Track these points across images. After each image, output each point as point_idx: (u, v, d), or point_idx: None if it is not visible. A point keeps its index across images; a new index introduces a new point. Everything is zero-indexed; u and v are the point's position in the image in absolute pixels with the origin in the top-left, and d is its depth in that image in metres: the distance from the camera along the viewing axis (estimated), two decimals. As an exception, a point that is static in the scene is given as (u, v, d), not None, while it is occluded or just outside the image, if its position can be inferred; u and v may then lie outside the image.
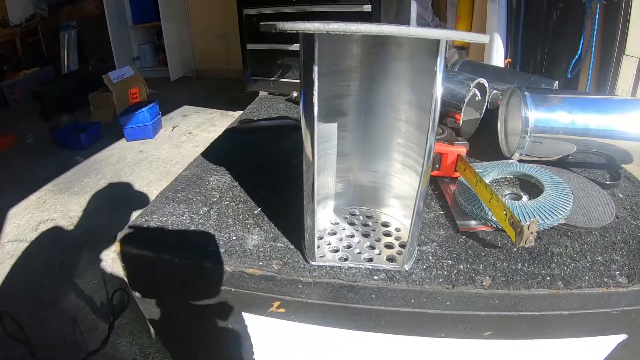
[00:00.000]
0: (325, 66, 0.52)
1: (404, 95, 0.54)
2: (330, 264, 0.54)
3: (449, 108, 0.95)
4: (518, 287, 0.53)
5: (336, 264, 0.54)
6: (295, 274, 0.54)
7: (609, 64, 1.85)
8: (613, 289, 0.53)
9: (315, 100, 0.44)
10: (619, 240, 0.62)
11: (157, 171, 2.82)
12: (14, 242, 2.15)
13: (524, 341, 0.59)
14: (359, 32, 0.34)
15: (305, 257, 0.56)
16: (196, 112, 4.02)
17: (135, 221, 0.65)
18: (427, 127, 0.45)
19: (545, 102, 0.80)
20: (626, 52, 1.78)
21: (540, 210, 0.63)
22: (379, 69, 0.56)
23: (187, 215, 0.66)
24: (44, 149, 3.37)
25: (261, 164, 0.84)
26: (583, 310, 0.54)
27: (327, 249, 0.57)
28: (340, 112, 0.57)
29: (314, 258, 0.54)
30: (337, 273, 0.54)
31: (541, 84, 1.16)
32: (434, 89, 0.43)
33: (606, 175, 0.82)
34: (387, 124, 0.58)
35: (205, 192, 0.73)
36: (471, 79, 0.95)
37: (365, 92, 0.57)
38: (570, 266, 0.56)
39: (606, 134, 0.79)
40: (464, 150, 0.76)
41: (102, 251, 1.98)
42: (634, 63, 1.78)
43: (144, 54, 5.72)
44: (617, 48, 1.80)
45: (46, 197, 2.59)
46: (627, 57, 1.79)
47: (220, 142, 0.96)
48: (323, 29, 0.35)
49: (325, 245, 0.57)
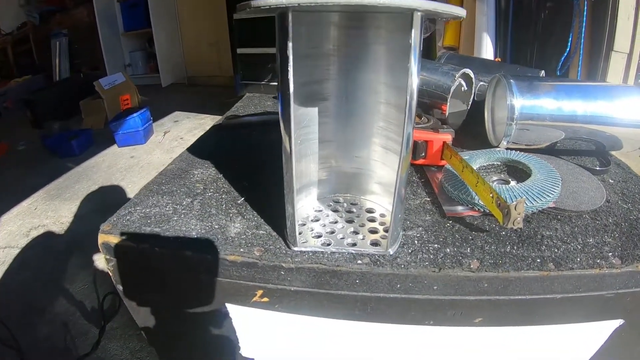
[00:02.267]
0: (303, 49, 0.51)
1: (383, 77, 0.54)
2: (313, 249, 0.53)
3: (435, 99, 0.95)
4: (507, 270, 0.52)
5: (319, 249, 0.53)
6: (276, 260, 0.52)
7: (598, 60, 1.86)
8: (606, 270, 0.53)
9: (290, 78, 0.43)
10: (611, 223, 0.62)
11: (148, 176, 2.81)
12: (5, 248, 2.15)
13: (517, 328, 0.58)
14: (328, 2, 0.34)
15: (288, 243, 0.55)
16: (187, 118, 4.04)
17: (118, 213, 0.65)
18: (405, 107, 0.45)
19: (531, 89, 0.79)
20: (614, 48, 1.79)
21: (528, 193, 0.62)
22: (358, 52, 0.55)
23: (170, 206, 0.65)
24: (35, 157, 3.37)
25: (246, 157, 0.83)
26: (576, 294, 0.54)
27: (309, 235, 0.56)
28: (321, 97, 0.57)
29: (295, 244, 0.53)
30: (319, 258, 0.53)
31: (527, 73, 1.16)
32: (409, 63, 0.42)
33: (595, 162, 0.82)
34: (367, 107, 0.57)
35: (189, 184, 0.73)
36: (456, 70, 0.95)
37: (345, 76, 0.56)
38: (561, 248, 0.56)
39: (594, 120, 0.78)
40: (450, 137, 0.76)
41: (93, 256, 1.97)
42: (622, 59, 1.80)
43: (135, 61, 5.74)
44: (606, 44, 1.81)
45: (37, 203, 2.59)
46: (615, 53, 1.80)
47: (207, 137, 0.96)
48: (294, 1, 0.34)
49: (308, 231, 0.57)
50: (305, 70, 0.53)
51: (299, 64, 0.46)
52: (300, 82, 0.51)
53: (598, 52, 1.85)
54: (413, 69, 0.43)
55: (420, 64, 0.44)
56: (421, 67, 0.93)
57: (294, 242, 0.54)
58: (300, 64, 0.48)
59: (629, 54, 1.78)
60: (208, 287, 0.57)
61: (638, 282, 0.54)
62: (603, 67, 1.84)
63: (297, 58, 0.45)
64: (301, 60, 0.51)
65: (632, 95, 0.79)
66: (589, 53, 1.92)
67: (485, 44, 2.25)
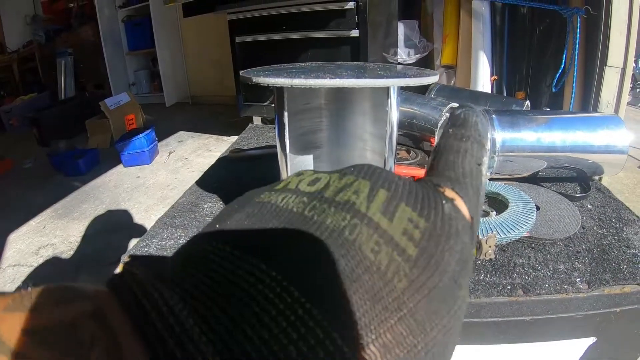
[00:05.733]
0: (299, 105, 0.60)
1: (368, 127, 0.62)
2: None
3: (424, 132, 1.02)
4: (479, 296, 0.57)
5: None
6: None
7: (592, 76, 1.89)
8: (572, 294, 0.57)
9: (287, 140, 0.52)
10: (583, 249, 0.65)
11: (154, 197, 2.88)
12: (15, 266, 2.20)
13: (492, 346, 0.62)
14: (317, 85, 0.42)
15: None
16: (191, 138, 4.10)
17: (136, 245, 0.72)
18: (384, 155, 0.53)
19: (512, 122, 0.84)
20: (608, 63, 1.82)
21: (503, 225, 0.66)
22: (346, 106, 0.63)
23: (183, 239, 0.73)
24: (42, 175, 3.43)
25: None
26: (546, 316, 0.58)
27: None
28: (315, 145, 0.65)
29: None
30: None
31: (512, 105, 1.21)
32: (387, 126, 0.51)
33: (577, 188, 0.86)
34: (355, 154, 0.65)
35: (199, 217, 0.81)
36: (444, 104, 1.02)
37: (335, 126, 0.65)
38: (532, 275, 0.59)
39: (574, 149, 0.82)
40: (434, 173, 0.83)
41: (102, 275, 2.02)
42: (616, 73, 1.83)
43: (140, 80, 5.80)
44: (600, 60, 1.84)
45: (46, 222, 2.64)
46: (609, 68, 1.83)
47: (213, 170, 1.03)
48: (288, 83, 0.43)
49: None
50: (300, 123, 0.62)
51: (295, 118, 0.54)
52: (295, 134, 0.60)
53: (592, 68, 1.88)
54: (390, 129, 0.51)
55: (397, 128, 0.52)
56: (412, 101, 1.01)
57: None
58: (296, 117, 0.56)
59: (623, 68, 1.82)
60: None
61: (606, 304, 0.58)
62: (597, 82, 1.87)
63: (294, 114, 0.53)
64: (296, 114, 0.59)
65: (610, 124, 0.83)
66: (583, 69, 1.94)
67: (482, 62, 2.30)
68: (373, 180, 0.19)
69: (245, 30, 2.96)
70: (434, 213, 0.18)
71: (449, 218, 0.18)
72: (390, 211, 0.17)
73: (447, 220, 0.18)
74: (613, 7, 1.76)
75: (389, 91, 0.49)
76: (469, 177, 0.22)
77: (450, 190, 0.20)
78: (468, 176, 0.22)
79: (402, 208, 0.18)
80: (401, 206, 0.18)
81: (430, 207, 0.18)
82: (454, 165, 0.22)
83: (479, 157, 0.23)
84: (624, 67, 1.83)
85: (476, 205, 0.21)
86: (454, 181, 0.21)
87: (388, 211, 0.18)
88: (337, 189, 0.19)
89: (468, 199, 0.20)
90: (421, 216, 0.18)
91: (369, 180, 0.19)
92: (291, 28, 2.75)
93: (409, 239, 0.17)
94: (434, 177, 0.21)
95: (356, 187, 0.18)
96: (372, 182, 0.19)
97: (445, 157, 0.23)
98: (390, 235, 0.17)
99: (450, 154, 0.23)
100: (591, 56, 1.91)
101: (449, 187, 0.20)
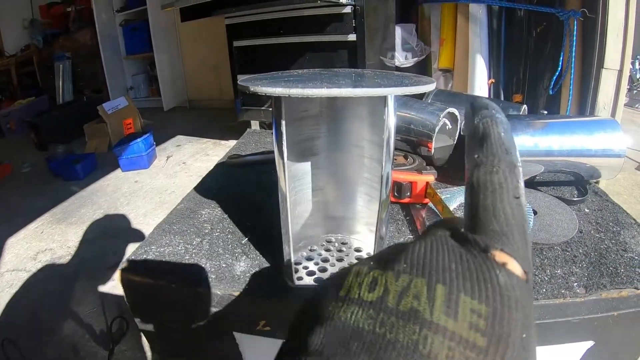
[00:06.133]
0: (296, 113, 0.60)
1: (366, 134, 0.62)
2: (307, 286, 0.62)
3: (422, 137, 1.02)
4: None
5: (312, 285, 0.62)
6: (276, 296, 0.61)
7: (589, 78, 1.91)
8: (570, 299, 0.57)
9: (284, 149, 0.52)
10: (580, 253, 0.66)
11: (152, 201, 2.88)
12: (13, 271, 2.20)
13: None
14: (314, 95, 0.42)
15: (286, 280, 0.63)
16: (189, 142, 4.11)
17: (135, 251, 0.72)
18: (381, 163, 0.54)
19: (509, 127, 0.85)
20: (605, 66, 1.84)
21: None
22: (343, 113, 0.64)
23: (182, 245, 0.74)
24: (40, 179, 3.44)
25: (248, 197, 0.91)
26: (543, 320, 0.58)
27: (304, 272, 0.64)
28: (313, 152, 0.65)
29: (292, 281, 0.62)
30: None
31: (509, 109, 1.22)
32: (384, 133, 0.51)
33: (574, 192, 0.87)
34: (353, 160, 0.65)
35: (198, 224, 0.81)
36: (442, 109, 1.02)
37: (333, 133, 0.65)
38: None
39: (571, 153, 0.83)
40: (432, 178, 0.83)
41: (100, 280, 2.03)
42: (613, 75, 1.85)
43: (138, 84, 5.81)
44: (596, 62, 1.86)
45: (44, 227, 2.65)
46: (606, 70, 1.85)
47: (211, 176, 1.03)
48: (285, 92, 0.43)
49: (303, 269, 0.65)
50: (299, 130, 0.62)
51: (294, 125, 0.54)
52: (293, 141, 0.60)
53: (589, 70, 1.90)
54: (387, 137, 0.52)
55: (394, 135, 0.53)
56: (409, 106, 1.02)
57: (290, 280, 0.62)
58: (294, 124, 0.56)
59: (620, 70, 1.83)
60: (218, 318, 0.64)
61: (603, 309, 0.58)
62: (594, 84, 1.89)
63: (292, 121, 0.53)
64: (294, 122, 0.60)
65: (607, 127, 0.83)
66: (580, 71, 1.96)
67: (479, 65, 2.31)
68: (427, 275, 0.20)
69: (243, 35, 2.97)
70: (491, 292, 0.19)
71: (506, 289, 0.19)
72: (452, 309, 0.18)
73: (505, 293, 0.19)
74: (609, 9, 1.78)
75: (387, 99, 0.50)
76: (512, 220, 0.21)
77: (500, 253, 0.20)
78: (511, 220, 0.21)
79: (463, 300, 0.18)
80: (461, 299, 0.18)
81: (487, 287, 0.19)
82: (494, 212, 0.22)
83: (515, 188, 0.23)
84: (620, 69, 1.84)
85: (526, 252, 0.21)
86: (500, 235, 0.21)
87: (451, 309, 0.18)
88: (397, 293, 0.19)
89: (518, 253, 0.20)
90: (481, 302, 0.18)
91: (424, 278, 0.19)
92: (289, 32, 2.76)
93: (475, 330, 0.18)
94: (478, 235, 0.21)
95: (414, 291, 0.19)
96: (428, 279, 0.19)
97: (483, 203, 0.22)
98: (459, 335, 0.18)
99: (486, 196, 0.22)
100: (588, 58, 1.93)
101: (498, 249, 0.20)
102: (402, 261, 0.21)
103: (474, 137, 0.26)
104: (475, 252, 0.20)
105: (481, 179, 0.23)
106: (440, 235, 0.22)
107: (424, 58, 2.63)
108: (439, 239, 0.21)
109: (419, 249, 0.21)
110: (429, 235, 0.22)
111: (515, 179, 0.23)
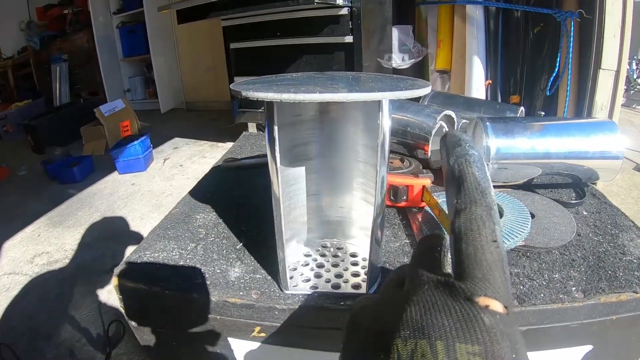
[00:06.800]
0: (288, 118, 0.60)
1: (360, 139, 0.61)
2: (302, 292, 0.61)
3: (418, 140, 1.02)
4: None
5: (307, 292, 0.61)
6: (271, 302, 0.60)
7: (586, 79, 1.92)
8: (568, 304, 0.56)
9: (277, 154, 0.52)
10: (579, 257, 0.65)
11: (149, 204, 2.87)
12: (10, 274, 2.19)
13: None
14: (306, 100, 0.42)
15: (280, 286, 0.62)
16: (186, 144, 4.10)
17: (130, 257, 0.72)
18: (376, 167, 0.53)
19: (506, 130, 0.84)
20: (602, 66, 1.85)
21: None
22: (337, 117, 0.63)
23: (176, 251, 0.73)
24: (36, 182, 3.43)
25: (243, 201, 0.91)
26: (541, 325, 0.58)
27: (299, 278, 0.63)
28: (307, 157, 0.64)
29: (287, 287, 0.61)
30: (307, 300, 0.60)
31: (506, 111, 1.21)
32: (378, 138, 0.51)
33: (572, 194, 0.86)
34: (348, 165, 0.65)
35: (192, 229, 0.80)
36: (438, 112, 1.01)
37: (327, 137, 0.64)
38: (527, 285, 0.59)
39: (569, 156, 0.83)
40: (429, 181, 0.82)
41: (97, 283, 2.02)
42: (610, 76, 1.85)
43: (135, 87, 5.81)
44: (594, 62, 1.87)
45: (40, 230, 2.64)
46: (603, 71, 1.85)
47: (206, 180, 1.03)
48: (277, 98, 0.43)
49: (298, 275, 0.64)
50: (292, 135, 0.62)
51: (287, 130, 0.53)
52: (287, 146, 0.59)
53: (586, 71, 1.91)
54: (381, 142, 0.51)
55: (389, 138, 0.52)
56: (405, 108, 1.01)
57: (285, 286, 0.61)
58: (288, 129, 0.55)
59: (617, 71, 1.84)
60: (213, 324, 0.64)
61: (602, 313, 0.58)
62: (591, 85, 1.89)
63: (285, 126, 0.52)
64: (287, 127, 0.59)
65: (605, 129, 0.83)
66: (577, 72, 1.96)
67: (476, 66, 2.31)
68: (427, 335, 0.22)
69: (240, 37, 2.97)
70: (480, 334, 0.22)
71: (492, 327, 0.22)
72: (452, 357, 0.21)
73: (492, 330, 0.22)
74: (607, 10, 1.78)
75: (381, 103, 0.49)
76: (492, 265, 0.24)
77: (483, 298, 0.23)
78: (492, 265, 0.24)
79: (459, 348, 0.21)
80: (457, 347, 0.21)
81: (476, 330, 0.22)
82: (475, 259, 0.24)
83: (492, 232, 0.25)
84: (617, 69, 1.84)
85: (505, 290, 0.24)
86: (483, 281, 0.24)
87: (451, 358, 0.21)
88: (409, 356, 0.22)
89: (498, 293, 0.23)
90: (474, 344, 0.21)
91: (426, 339, 0.22)
92: (285, 34, 2.76)
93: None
94: (463, 284, 0.24)
95: (421, 351, 0.22)
96: (429, 338, 0.22)
97: (465, 252, 0.25)
98: None
99: (468, 244, 0.25)
100: (585, 59, 1.93)
101: (481, 295, 0.23)
102: (405, 328, 0.24)
103: (451, 179, 0.29)
104: (462, 300, 0.23)
105: (462, 227, 0.26)
106: (428, 292, 0.25)
107: (421, 59, 2.63)
108: (430, 298, 0.24)
109: (415, 313, 0.24)
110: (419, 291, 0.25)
111: (492, 223, 0.26)
